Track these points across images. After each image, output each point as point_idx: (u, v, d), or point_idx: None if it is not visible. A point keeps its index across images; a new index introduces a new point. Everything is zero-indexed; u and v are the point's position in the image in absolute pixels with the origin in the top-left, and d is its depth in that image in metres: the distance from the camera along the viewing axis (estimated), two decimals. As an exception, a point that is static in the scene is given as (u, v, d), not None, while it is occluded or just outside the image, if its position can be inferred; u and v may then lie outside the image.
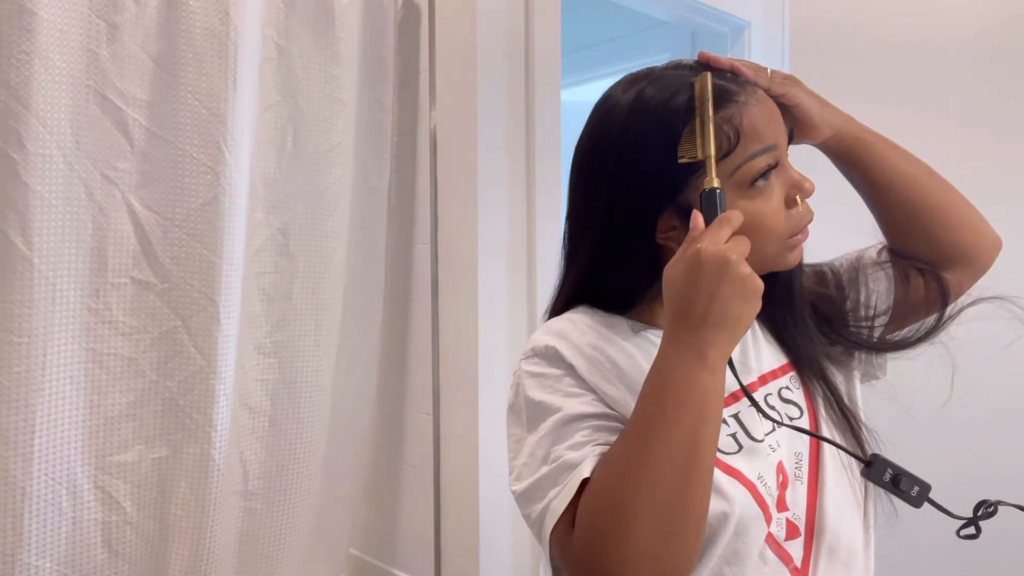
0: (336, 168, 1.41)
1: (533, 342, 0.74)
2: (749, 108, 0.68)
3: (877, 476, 0.67)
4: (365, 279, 1.52)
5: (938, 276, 0.81)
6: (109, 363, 1.18)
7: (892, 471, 0.67)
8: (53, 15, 1.06)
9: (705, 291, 0.60)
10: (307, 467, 1.42)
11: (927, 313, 0.81)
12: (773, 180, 0.70)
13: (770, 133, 0.69)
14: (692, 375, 0.59)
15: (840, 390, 0.77)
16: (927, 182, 0.81)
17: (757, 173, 0.68)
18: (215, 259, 1.22)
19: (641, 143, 0.69)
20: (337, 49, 1.40)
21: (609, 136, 0.71)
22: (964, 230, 0.82)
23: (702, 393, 0.59)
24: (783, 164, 0.71)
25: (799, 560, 0.68)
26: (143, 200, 1.19)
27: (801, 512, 0.70)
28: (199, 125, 1.20)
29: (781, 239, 0.70)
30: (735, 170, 0.68)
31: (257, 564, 1.38)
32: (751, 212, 0.68)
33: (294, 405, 1.40)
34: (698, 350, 0.60)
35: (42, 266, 1.08)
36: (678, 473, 0.57)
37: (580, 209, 0.75)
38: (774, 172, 0.69)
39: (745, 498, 0.64)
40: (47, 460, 1.11)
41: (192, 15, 1.18)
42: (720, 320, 0.60)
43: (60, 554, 1.14)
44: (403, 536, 1.60)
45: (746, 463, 0.67)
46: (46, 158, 1.07)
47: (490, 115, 1.40)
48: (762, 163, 0.68)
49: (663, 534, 0.56)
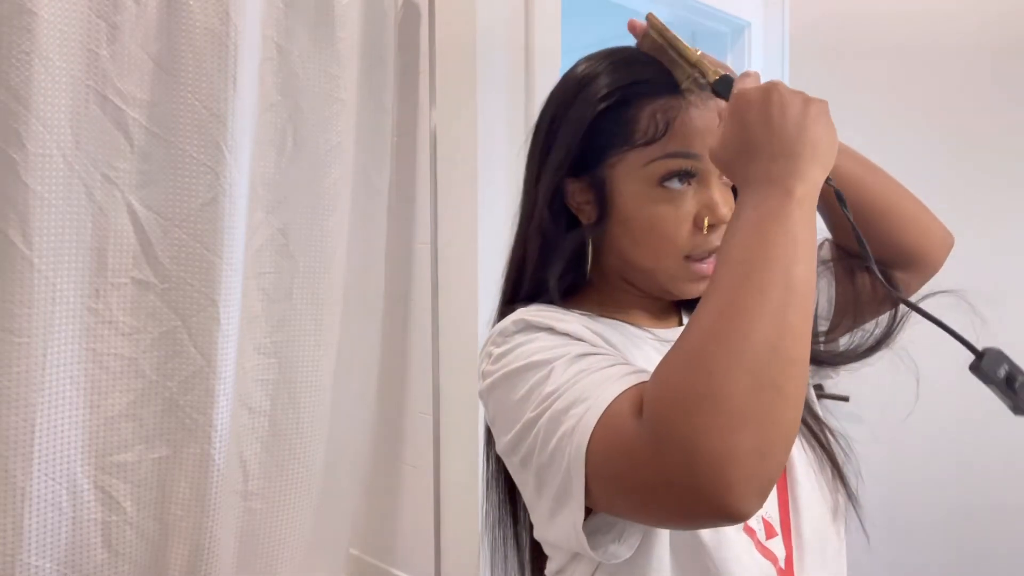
0: (336, 168, 1.41)
1: (502, 324, 0.68)
2: (690, 110, 0.67)
3: (991, 371, 0.55)
4: (365, 279, 1.52)
5: (887, 275, 0.77)
6: (109, 363, 1.18)
7: (1008, 367, 0.55)
8: (53, 15, 1.06)
9: (793, 116, 0.54)
10: (307, 467, 1.42)
11: (878, 312, 0.79)
12: (688, 192, 0.67)
13: (699, 142, 0.66)
14: (781, 209, 0.52)
15: None
16: (875, 183, 0.79)
17: (666, 173, 0.66)
18: (215, 259, 1.22)
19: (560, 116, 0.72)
20: (337, 49, 1.40)
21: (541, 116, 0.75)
22: (913, 231, 0.80)
23: (791, 229, 0.51)
24: (706, 181, 0.68)
25: (783, 559, 0.66)
26: (143, 200, 1.19)
27: (773, 510, 0.68)
28: (199, 125, 1.20)
29: (676, 254, 0.68)
30: (648, 163, 0.67)
31: (257, 564, 1.38)
32: (651, 212, 0.67)
33: (294, 405, 1.40)
34: (784, 184, 0.53)
35: (42, 266, 1.08)
36: (773, 319, 0.48)
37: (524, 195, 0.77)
38: (692, 185, 0.67)
39: None
40: (47, 460, 1.11)
41: (192, 15, 1.18)
42: (810, 147, 0.53)
43: (60, 554, 1.14)
44: (403, 536, 1.60)
45: None
46: (46, 158, 1.07)
47: (490, 115, 1.40)
48: (674, 165, 0.66)
49: (764, 387, 0.47)
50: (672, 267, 0.69)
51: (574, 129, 0.70)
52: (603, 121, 0.69)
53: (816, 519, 0.69)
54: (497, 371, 0.64)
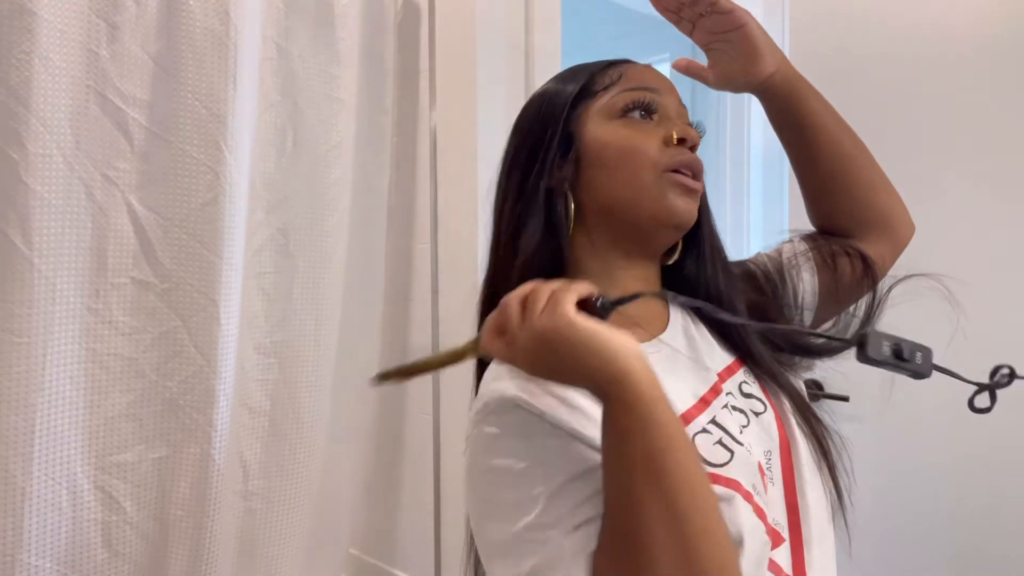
0: (336, 168, 1.41)
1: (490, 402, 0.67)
2: (637, 66, 0.74)
3: (876, 353, 0.54)
4: (365, 279, 1.52)
5: (862, 254, 0.80)
6: (109, 363, 1.18)
7: (890, 343, 0.54)
8: (53, 15, 1.06)
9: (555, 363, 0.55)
10: (307, 467, 1.42)
11: (859, 294, 0.80)
12: (651, 125, 0.71)
13: (651, 78, 0.73)
14: (618, 424, 0.53)
15: (792, 382, 0.74)
16: (849, 136, 0.82)
17: (628, 103, 0.71)
18: (215, 259, 1.22)
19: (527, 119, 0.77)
20: (337, 49, 1.40)
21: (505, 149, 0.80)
22: (883, 193, 0.83)
23: (633, 435, 0.52)
24: (667, 116, 0.72)
25: (789, 568, 0.63)
26: (143, 200, 1.19)
27: (780, 516, 0.64)
28: (199, 125, 1.20)
29: (654, 167, 0.69)
30: (608, 102, 0.71)
31: (257, 564, 1.38)
32: (620, 137, 0.70)
33: (294, 405, 1.40)
34: (603, 402, 0.54)
35: (42, 266, 1.08)
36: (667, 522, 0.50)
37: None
38: (655, 120, 0.71)
39: (750, 518, 0.59)
40: (47, 460, 1.11)
41: (192, 15, 1.18)
42: (579, 368, 0.54)
43: (60, 554, 1.14)
44: (403, 536, 1.60)
45: (741, 472, 0.61)
46: (46, 158, 1.07)
47: (490, 115, 1.40)
48: (633, 96, 0.71)
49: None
50: (652, 183, 0.69)
51: (539, 128, 0.74)
52: (578, 90, 0.73)
53: (821, 519, 0.67)
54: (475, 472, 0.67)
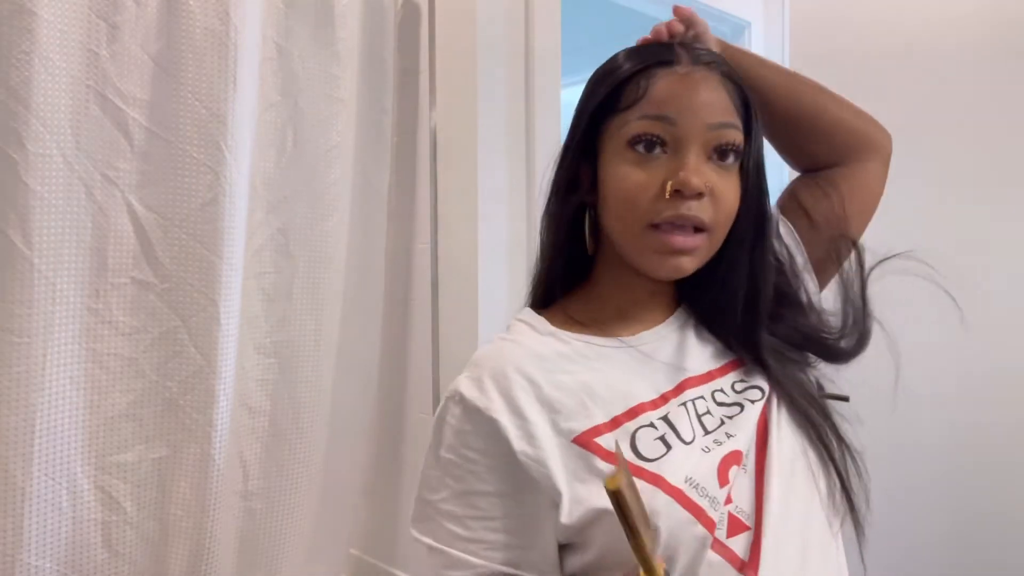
0: (336, 168, 1.41)
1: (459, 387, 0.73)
2: (670, 79, 0.66)
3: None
4: (365, 279, 1.52)
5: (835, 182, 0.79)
6: (109, 363, 1.18)
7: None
8: (53, 15, 1.06)
9: None
10: (307, 467, 1.42)
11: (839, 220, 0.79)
12: (662, 160, 0.65)
13: (675, 105, 0.65)
14: None
15: (803, 379, 0.74)
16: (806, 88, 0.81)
17: (635, 135, 0.65)
18: (215, 259, 1.22)
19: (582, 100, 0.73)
20: (337, 49, 1.40)
21: None
22: (851, 115, 0.83)
23: None
24: (682, 149, 0.65)
25: (745, 555, 0.62)
26: (143, 200, 1.19)
27: (746, 505, 0.64)
28: (199, 125, 1.20)
29: (639, 220, 0.65)
30: (623, 125, 0.67)
31: (257, 564, 1.38)
32: (620, 175, 0.67)
33: (294, 405, 1.40)
34: None
35: (42, 266, 1.08)
36: None
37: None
38: (668, 153, 0.65)
39: (668, 507, 0.61)
40: (47, 460, 1.11)
41: (192, 15, 1.18)
42: None
43: (60, 554, 1.14)
44: (403, 536, 1.60)
45: (671, 467, 0.63)
46: (46, 158, 1.07)
47: (490, 115, 1.40)
48: (642, 127, 0.65)
49: None
50: (637, 236, 0.66)
51: (579, 110, 0.72)
52: (604, 98, 0.70)
53: (790, 511, 0.65)
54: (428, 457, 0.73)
